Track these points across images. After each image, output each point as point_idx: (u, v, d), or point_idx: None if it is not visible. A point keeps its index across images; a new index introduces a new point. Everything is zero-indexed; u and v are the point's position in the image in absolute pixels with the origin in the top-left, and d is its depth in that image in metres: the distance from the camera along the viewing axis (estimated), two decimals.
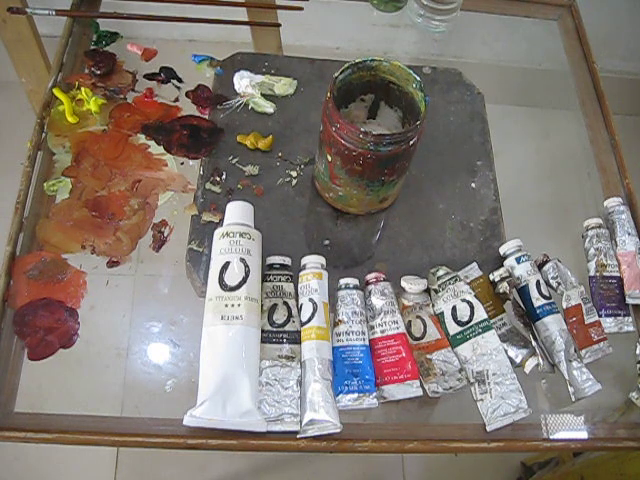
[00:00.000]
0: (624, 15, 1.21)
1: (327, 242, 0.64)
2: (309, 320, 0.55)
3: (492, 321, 0.58)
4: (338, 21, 0.86)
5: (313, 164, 0.67)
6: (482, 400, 0.54)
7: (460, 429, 0.55)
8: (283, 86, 0.73)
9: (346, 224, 0.66)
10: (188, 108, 0.71)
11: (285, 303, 0.56)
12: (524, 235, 0.63)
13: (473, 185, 0.70)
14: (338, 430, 0.50)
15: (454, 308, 0.57)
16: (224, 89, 0.73)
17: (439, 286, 0.59)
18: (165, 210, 0.64)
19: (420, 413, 0.57)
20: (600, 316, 0.61)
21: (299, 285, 0.57)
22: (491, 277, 0.61)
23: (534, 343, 0.57)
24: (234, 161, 0.67)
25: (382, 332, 0.56)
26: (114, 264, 0.60)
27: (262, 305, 0.55)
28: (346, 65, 0.58)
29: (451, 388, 0.55)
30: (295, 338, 0.55)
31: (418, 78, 0.58)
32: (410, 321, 0.58)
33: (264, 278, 0.57)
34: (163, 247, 0.62)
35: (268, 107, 0.72)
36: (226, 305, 0.52)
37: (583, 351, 0.58)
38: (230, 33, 0.80)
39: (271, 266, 0.58)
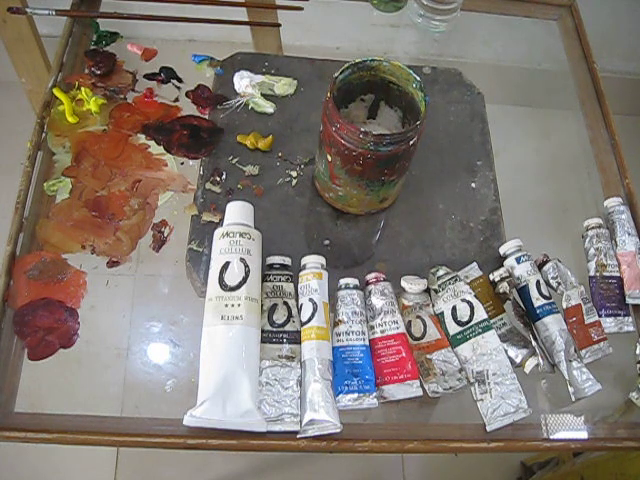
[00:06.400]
0: (624, 15, 1.21)
1: (327, 242, 0.64)
2: (309, 320, 0.55)
3: (492, 321, 0.58)
4: (338, 21, 0.86)
5: (313, 164, 0.67)
6: (482, 400, 0.54)
7: (460, 429, 0.55)
8: (283, 86, 0.73)
9: (346, 224, 0.66)
10: (188, 108, 0.71)
11: (285, 303, 0.56)
12: (524, 235, 0.63)
13: (473, 185, 0.70)
14: (338, 430, 0.50)
15: (454, 308, 0.57)
16: (224, 89, 0.73)
17: (439, 286, 0.59)
18: (165, 210, 0.64)
19: (420, 413, 0.57)
20: (600, 316, 0.61)
21: (299, 285, 0.57)
22: (491, 277, 0.61)
23: (534, 343, 0.57)
24: (234, 161, 0.67)
25: (382, 332, 0.56)
26: (114, 264, 0.60)
27: (262, 305, 0.55)
28: (346, 65, 0.58)
29: (451, 388, 0.55)
30: (295, 338, 0.55)
31: (418, 78, 0.58)
32: (410, 321, 0.58)
33: (264, 278, 0.57)
34: (163, 247, 0.62)
35: (268, 107, 0.72)
36: (226, 305, 0.52)
37: (583, 351, 0.58)
38: (230, 33, 0.80)
39: (271, 266, 0.58)
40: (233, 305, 0.52)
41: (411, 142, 0.56)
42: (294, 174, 0.68)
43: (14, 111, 0.87)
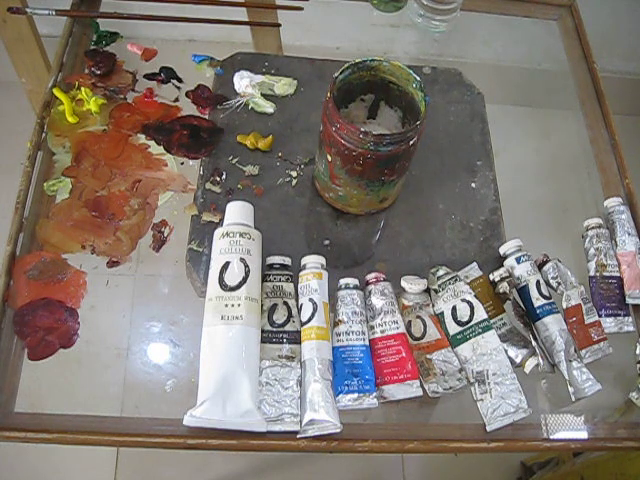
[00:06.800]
0: (624, 15, 1.21)
1: (327, 242, 0.64)
2: (309, 320, 0.55)
3: (492, 321, 0.58)
4: (338, 21, 0.86)
5: (313, 164, 0.67)
6: (482, 400, 0.54)
7: (460, 429, 0.55)
8: (283, 86, 0.73)
9: (346, 224, 0.66)
10: (188, 108, 0.71)
11: (285, 303, 0.56)
12: (524, 235, 0.63)
13: (473, 185, 0.70)
14: (338, 430, 0.50)
15: (454, 308, 0.57)
16: (224, 89, 0.73)
17: (439, 286, 0.59)
18: (165, 210, 0.64)
19: (420, 413, 0.57)
20: (600, 316, 0.61)
21: (299, 285, 0.57)
22: (491, 277, 0.61)
23: (534, 343, 0.57)
24: (234, 161, 0.67)
25: (382, 332, 0.56)
26: (114, 264, 0.60)
27: (262, 305, 0.55)
28: (346, 65, 0.58)
29: (451, 388, 0.55)
30: (295, 338, 0.55)
31: (418, 78, 0.58)
32: (410, 321, 0.58)
33: (264, 278, 0.57)
34: (163, 247, 0.62)
35: (268, 107, 0.72)
36: (226, 305, 0.52)
37: (583, 351, 0.58)
38: (230, 33, 0.80)
39: (271, 266, 0.58)
40: (233, 305, 0.52)
41: (411, 142, 0.56)
42: (294, 174, 0.68)
43: (14, 111, 0.87)
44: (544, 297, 0.59)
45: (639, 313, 0.64)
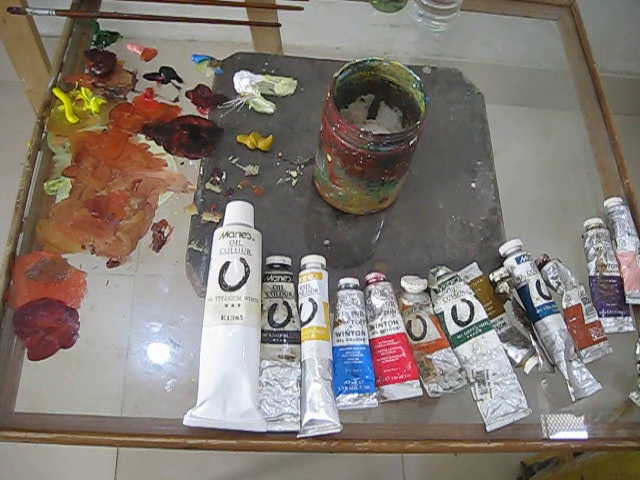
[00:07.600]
0: (624, 15, 1.21)
1: (327, 242, 0.64)
2: (309, 320, 0.55)
3: (492, 321, 0.58)
4: (338, 21, 0.86)
5: (313, 164, 0.67)
6: (482, 400, 0.54)
7: (460, 429, 0.55)
8: (283, 86, 0.73)
9: (346, 224, 0.66)
10: (188, 108, 0.71)
11: (285, 303, 0.56)
12: (524, 235, 0.63)
13: (473, 185, 0.70)
14: (338, 430, 0.50)
15: (454, 308, 0.57)
16: (224, 89, 0.73)
17: (439, 286, 0.59)
18: (165, 210, 0.64)
19: (420, 413, 0.57)
20: (600, 316, 0.61)
21: (299, 285, 0.57)
22: (491, 277, 0.61)
23: (534, 343, 0.57)
24: (234, 161, 0.67)
25: (382, 332, 0.56)
26: (114, 264, 0.60)
27: (262, 305, 0.55)
28: (346, 65, 0.58)
29: (451, 388, 0.55)
30: (295, 338, 0.55)
31: (418, 78, 0.58)
32: (410, 321, 0.58)
33: (264, 278, 0.57)
34: (163, 247, 0.62)
35: (268, 107, 0.72)
36: (226, 305, 0.52)
37: (583, 351, 0.58)
38: (230, 33, 0.80)
39: (271, 266, 0.58)
40: (233, 305, 0.52)
41: (411, 142, 0.56)
42: (294, 174, 0.68)
43: (14, 111, 0.87)
44: (544, 297, 0.59)
45: (639, 313, 0.64)
